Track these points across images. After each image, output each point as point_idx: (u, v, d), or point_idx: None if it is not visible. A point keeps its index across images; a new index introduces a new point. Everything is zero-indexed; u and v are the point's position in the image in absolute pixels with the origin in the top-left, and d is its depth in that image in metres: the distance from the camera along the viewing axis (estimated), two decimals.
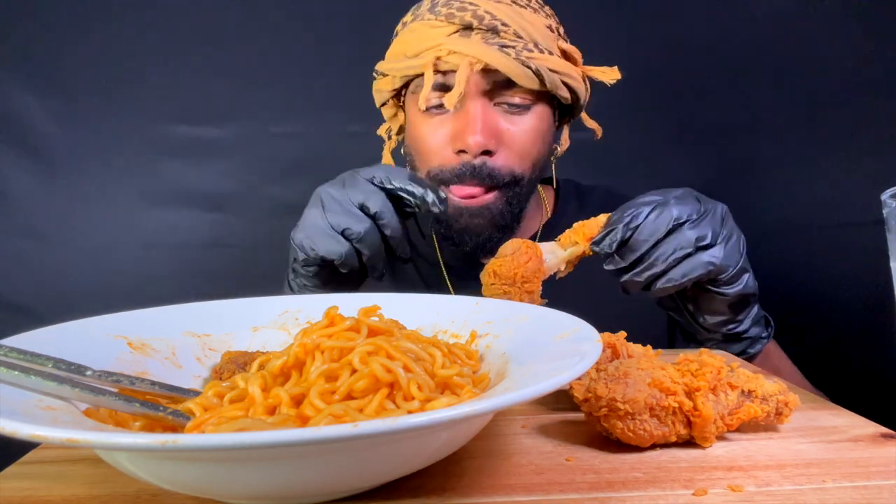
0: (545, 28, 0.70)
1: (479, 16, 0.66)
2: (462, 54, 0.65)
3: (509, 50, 0.66)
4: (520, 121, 0.71)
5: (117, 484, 0.33)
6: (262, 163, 1.20)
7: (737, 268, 0.53)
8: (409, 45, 0.70)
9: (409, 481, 0.31)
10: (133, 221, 1.19)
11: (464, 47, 0.65)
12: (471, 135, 0.67)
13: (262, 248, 1.20)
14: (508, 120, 0.70)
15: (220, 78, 1.18)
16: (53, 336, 0.37)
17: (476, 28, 0.67)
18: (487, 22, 0.66)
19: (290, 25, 1.18)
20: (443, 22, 0.68)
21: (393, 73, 0.73)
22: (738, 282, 0.54)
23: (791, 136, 1.15)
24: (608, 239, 0.53)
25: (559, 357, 0.33)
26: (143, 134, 1.18)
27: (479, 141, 0.67)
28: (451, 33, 0.67)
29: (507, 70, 0.66)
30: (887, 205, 0.36)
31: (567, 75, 0.71)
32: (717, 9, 1.16)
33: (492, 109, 0.70)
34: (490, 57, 0.65)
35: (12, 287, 1.15)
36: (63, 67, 1.16)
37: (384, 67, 0.75)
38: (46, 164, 1.17)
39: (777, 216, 1.15)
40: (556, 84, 0.70)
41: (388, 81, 0.75)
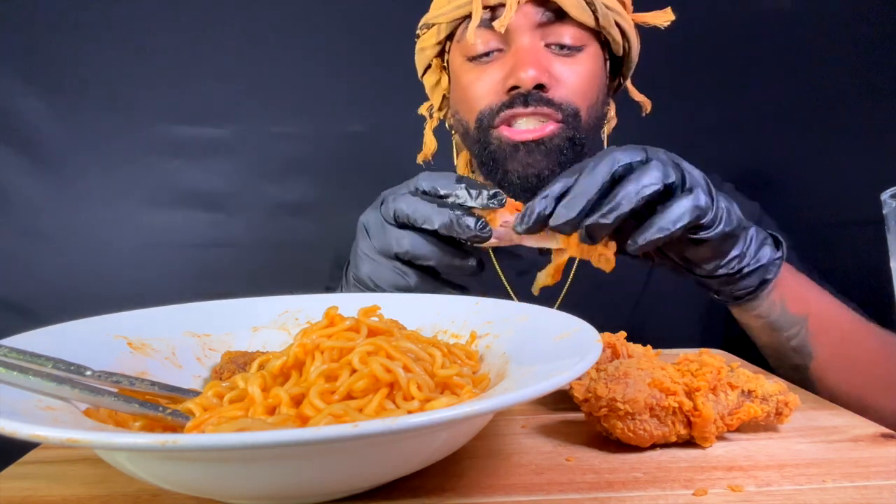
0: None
1: None
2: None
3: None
4: (573, 63, 0.67)
5: (117, 484, 0.33)
6: (262, 163, 1.21)
7: (714, 206, 0.47)
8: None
9: (409, 481, 0.31)
10: (133, 221, 1.19)
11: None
12: (523, 70, 0.63)
13: (262, 248, 1.21)
14: (561, 62, 0.67)
15: (220, 78, 1.18)
16: (53, 336, 0.37)
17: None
18: None
19: (291, 26, 1.18)
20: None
21: (440, 19, 0.69)
22: (718, 221, 0.47)
23: (791, 135, 1.15)
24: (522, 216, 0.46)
25: (559, 357, 0.33)
26: (143, 134, 1.18)
27: (532, 75, 0.63)
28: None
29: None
30: (887, 205, 0.36)
31: (619, 14, 0.68)
32: (720, 7, 1.16)
33: (544, 49, 0.67)
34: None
35: (12, 287, 1.16)
36: (63, 67, 1.16)
37: (430, 17, 0.71)
38: (46, 164, 1.17)
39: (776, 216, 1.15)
40: (609, 21, 0.67)
41: (433, 34, 0.71)
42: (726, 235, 0.48)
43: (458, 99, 0.73)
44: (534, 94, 0.65)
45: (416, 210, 0.48)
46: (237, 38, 1.18)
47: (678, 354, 0.42)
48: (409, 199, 0.49)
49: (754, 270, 0.51)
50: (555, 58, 0.67)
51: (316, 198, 1.21)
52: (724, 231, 0.47)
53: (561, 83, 0.66)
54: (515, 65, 0.65)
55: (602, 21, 0.66)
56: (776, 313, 0.54)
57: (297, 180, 1.21)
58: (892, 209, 0.36)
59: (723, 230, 0.47)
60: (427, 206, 0.48)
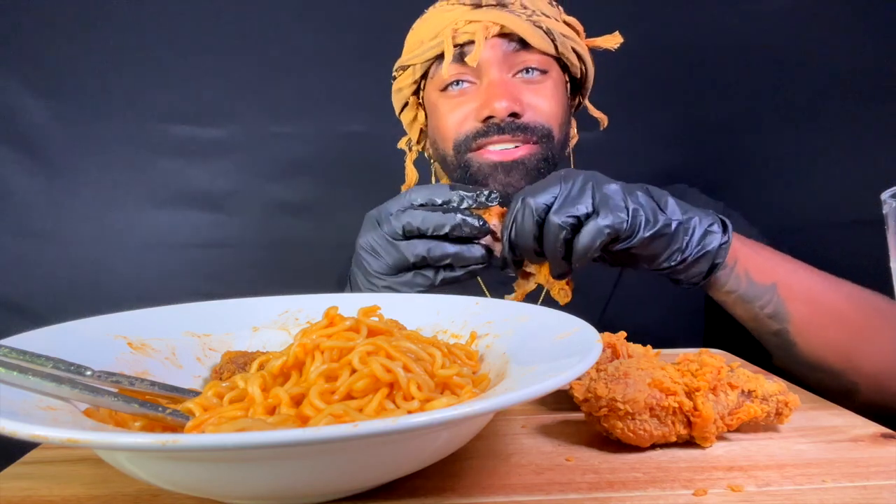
0: (548, 2, 0.75)
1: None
2: (477, 21, 0.69)
3: (519, 15, 0.70)
4: (540, 88, 0.73)
5: (117, 484, 0.33)
6: (262, 163, 1.21)
7: (629, 218, 0.49)
8: (427, 31, 0.73)
9: (409, 481, 0.31)
10: (133, 221, 1.19)
11: (478, 16, 0.69)
12: (496, 100, 0.69)
13: (262, 248, 1.20)
14: (529, 89, 0.72)
15: (220, 78, 1.18)
16: (53, 336, 0.37)
17: (485, 4, 0.71)
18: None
19: (290, 26, 1.18)
20: (454, 5, 0.72)
21: (414, 61, 0.75)
22: (637, 229, 0.50)
23: (791, 135, 1.15)
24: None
25: (559, 357, 0.33)
26: (143, 134, 1.18)
27: (504, 105, 0.68)
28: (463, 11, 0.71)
29: (521, 30, 0.69)
30: (887, 205, 0.36)
31: (574, 41, 0.74)
32: (719, 6, 1.16)
33: (512, 79, 0.72)
34: (504, 19, 0.69)
35: (12, 287, 1.15)
36: (63, 67, 1.16)
37: (404, 60, 0.77)
38: (46, 164, 1.17)
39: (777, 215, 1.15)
40: (567, 48, 0.73)
41: (408, 74, 0.77)
42: (653, 237, 0.51)
43: (435, 129, 0.78)
44: (508, 122, 0.70)
45: (424, 220, 0.52)
46: (237, 37, 1.18)
47: (678, 354, 0.42)
48: (413, 212, 0.53)
49: (700, 257, 0.54)
50: (523, 86, 0.72)
51: (316, 198, 1.21)
52: (645, 236, 0.50)
53: (531, 108, 0.71)
54: (488, 97, 0.70)
55: (561, 48, 0.73)
56: (743, 286, 0.57)
57: (297, 180, 1.21)
58: (892, 209, 0.36)
59: (643, 236, 0.50)
60: (434, 215, 0.52)
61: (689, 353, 0.41)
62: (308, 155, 1.19)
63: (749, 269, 0.57)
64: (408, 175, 0.85)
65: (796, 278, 0.58)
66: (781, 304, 0.57)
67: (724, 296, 0.58)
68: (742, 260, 0.57)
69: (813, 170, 1.14)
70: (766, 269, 0.58)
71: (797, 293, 0.57)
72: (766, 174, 1.17)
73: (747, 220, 0.69)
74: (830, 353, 0.57)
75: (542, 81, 0.73)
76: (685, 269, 0.55)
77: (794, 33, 1.14)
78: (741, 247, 0.57)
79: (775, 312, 0.58)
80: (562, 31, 0.72)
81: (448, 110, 0.74)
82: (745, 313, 0.59)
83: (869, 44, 1.12)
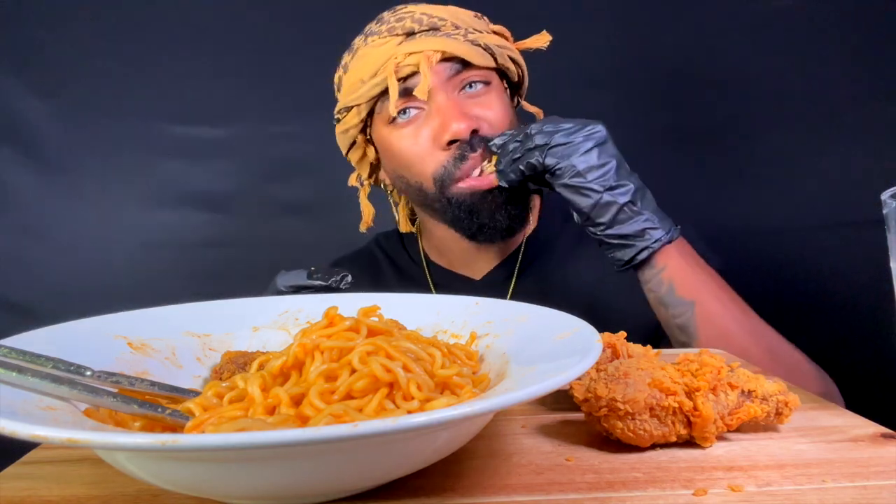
0: (473, 17, 0.76)
1: (417, 19, 0.71)
2: (417, 52, 0.69)
3: (457, 37, 0.71)
4: (486, 99, 0.74)
5: (117, 484, 0.33)
6: (262, 163, 1.21)
7: (566, 159, 0.63)
8: (364, 70, 0.73)
9: (409, 481, 0.31)
10: (133, 221, 1.19)
11: (417, 46, 0.70)
12: (454, 122, 0.70)
13: (262, 248, 1.21)
14: (476, 103, 0.74)
15: (220, 78, 1.18)
16: (53, 336, 0.37)
17: (418, 31, 0.71)
18: (427, 22, 0.71)
19: (290, 25, 1.18)
20: (385, 38, 0.72)
21: (357, 101, 0.75)
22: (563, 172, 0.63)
23: (791, 135, 1.15)
24: None
25: (559, 357, 0.33)
26: (143, 134, 1.18)
27: (464, 126, 0.70)
28: (398, 43, 0.71)
29: (462, 52, 0.70)
30: (887, 205, 0.36)
31: (509, 49, 0.76)
32: (716, 8, 1.16)
33: (460, 98, 0.73)
34: (444, 45, 0.70)
35: (12, 287, 1.16)
36: (63, 68, 1.16)
37: (346, 102, 0.76)
38: (46, 164, 1.17)
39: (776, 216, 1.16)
40: (504, 58, 0.75)
41: (353, 115, 0.77)
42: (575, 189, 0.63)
43: (393, 160, 0.78)
44: (474, 139, 0.72)
45: (294, 278, 0.64)
46: (237, 37, 1.18)
47: (678, 354, 0.42)
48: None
49: (623, 245, 0.63)
50: (470, 101, 0.73)
51: (316, 198, 1.21)
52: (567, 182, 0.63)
53: (483, 121, 0.73)
54: (443, 121, 0.71)
55: (500, 59, 0.75)
56: (663, 291, 0.64)
57: (297, 180, 1.21)
58: (893, 209, 0.36)
59: (566, 182, 0.63)
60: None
61: (689, 353, 0.41)
62: (308, 155, 1.19)
63: (674, 280, 0.63)
64: (364, 211, 0.86)
65: (715, 306, 0.63)
66: (692, 322, 0.63)
67: (647, 292, 0.66)
68: (671, 269, 0.63)
69: (812, 170, 1.14)
70: (691, 286, 0.63)
71: (710, 319, 0.62)
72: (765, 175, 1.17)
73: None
74: None
75: (487, 93, 0.74)
76: (610, 248, 0.64)
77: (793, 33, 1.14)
78: (676, 257, 0.63)
79: (685, 326, 0.64)
80: (496, 43, 0.74)
81: (401, 140, 0.74)
82: (660, 315, 0.66)
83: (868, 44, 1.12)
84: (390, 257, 0.92)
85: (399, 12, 0.73)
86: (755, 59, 1.16)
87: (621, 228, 0.63)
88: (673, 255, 0.64)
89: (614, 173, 0.63)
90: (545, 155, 0.64)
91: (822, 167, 1.13)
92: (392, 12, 0.74)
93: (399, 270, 0.90)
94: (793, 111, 1.15)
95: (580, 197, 0.63)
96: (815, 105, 1.14)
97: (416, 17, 0.71)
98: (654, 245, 0.63)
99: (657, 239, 0.63)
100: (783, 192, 1.16)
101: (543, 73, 0.85)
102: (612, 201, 0.62)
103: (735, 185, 1.17)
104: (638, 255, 0.63)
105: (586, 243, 0.81)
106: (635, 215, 0.63)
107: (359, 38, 0.76)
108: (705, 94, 1.18)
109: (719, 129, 1.18)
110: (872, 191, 0.39)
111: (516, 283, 0.82)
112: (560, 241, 0.83)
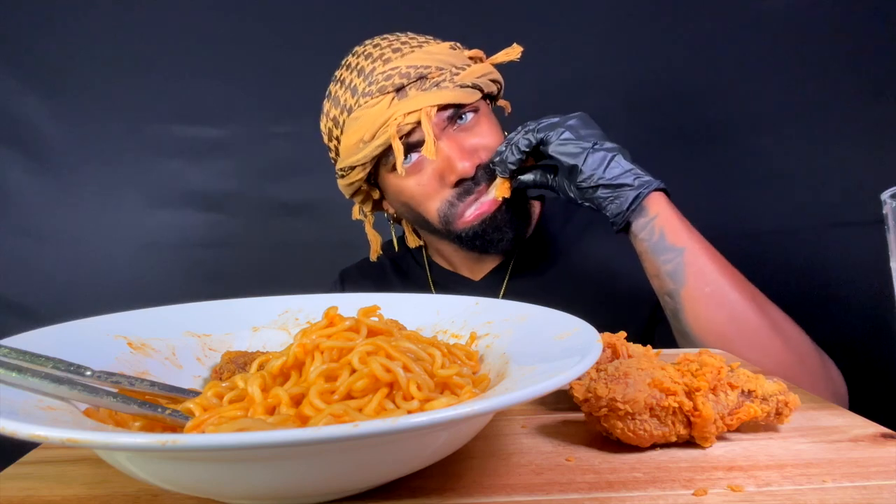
0: (449, 49, 0.77)
1: (404, 74, 0.73)
2: (415, 111, 0.72)
3: (445, 84, 0.73)
4: (477, 130, 0.77)
5: (117, 484, 0.33)
6: (262, 163, 1.21)
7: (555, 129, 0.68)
8: (363, 131, 0.74)
9: (409, 481, 0.31)
10: (133, 221, 1.19)
11: (413, 105, 0.72)
12: (459, 163, 0.73)
13: (262, 248, 1.21)
14: (469, 135, 0.76)
15: (220, 78, 1.18)
16: (53, 336, 0.37)
17: (408, 84, 0.73)
18: (413, 74, 0.73)
19: (290, 26, 1.18)
20: (378, 97, 0.73)
21: (361, 161, 0.77)
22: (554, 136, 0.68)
23: (790, 135, 1.15)
24: None
25: (559, 357, 0.33)
26: (143, 134, 1.18)
27: (467, 164, 0.74)
28: (391, 101, 0.73)
29: (455, 99, 0.73)
30: (887, 205, 0.36)
31: (489, 73, 0.78)
32: (717, 8, 1.16)
33: (454, 134, 0.76)
34: (438, 98, 0.72)
35: (12, 287, 1.16)
36: (63, 68, 1.16)
37: (349, 162, 0.78)
38: (46, 164, 1.17)
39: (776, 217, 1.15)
40: (488, 85, 0.78)
41: (357, 171, 0.79)
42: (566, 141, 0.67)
43: (401, 197, 0.80)
44: (478, 172, 0.75)
45: None
46: (237, 37, 1.18)
47: (678, 354, 0.42)
48: None
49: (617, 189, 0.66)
50: (464, 134, 0.76)
51: (316, 198, 1.21)
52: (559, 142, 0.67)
53: (483, 149, 0.76)
54: (449, 164, 0.74)
55: (485, 89, 0.77)
56: (655, 239, 0.66)
57: (297, 180, 1.21)
58: (893, 209, 0.36)
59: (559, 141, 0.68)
60: None
61: (689, 353, 0.41)
62: (308, 155, 1.19)
63: (665, 228, 0.66)
64: (372, 241, 0.89)
65: (703, 255, 0.64)
66: (682, 267, 0.64)
67: (639, 244, 0.68)
68: (662, 217, 0.66)
69: (812, 170, 1.14)
70: (680, 234, 0.65)
71: (698, 265, 0.64)
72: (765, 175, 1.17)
73: None
74: (712, 335, 0.62)
75: (478, 122, 0.77)
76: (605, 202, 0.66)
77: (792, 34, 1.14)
78: (666, 207, 0.66)
79: (674, 272, 0.65)
80: (478, 74, 0.76)
81: (415, 183, 0.77)
82: (650, 267, 0.67)
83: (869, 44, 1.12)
84: (395, 262, 0.94)
85: (385, 67, 0.73)
86: (755, 60, 1.16)
87: (613, 176, 0.66)
88: (663, 203, 0.67)
89: (600, 136, 0.68)
90: (537, 131, 0.69)
91: (821, 167, 1.13)
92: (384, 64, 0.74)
93: (403, 275, 0.93)
94: (792, 111, 1.15)
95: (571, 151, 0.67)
96: (815, 105, 1.14)
97: (402, 72, 0.73)
98: (645, 190, 0.66)
99: (647, 182, 0.66)
100: (783, 193, 1.16)
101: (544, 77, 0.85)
102: (601, 151, 0.67)
103: (734, 186, 1.17)
104: (633, 203, 0.66)
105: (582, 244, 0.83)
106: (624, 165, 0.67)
107: (341, 91, 0.77)
108: (705, 96, 1.18)
109: (719, 130, 1.18)
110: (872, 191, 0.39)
111: (508, 282, 0.85)
112: (557, 244, 0.86)
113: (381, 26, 0.82)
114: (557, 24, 0.81)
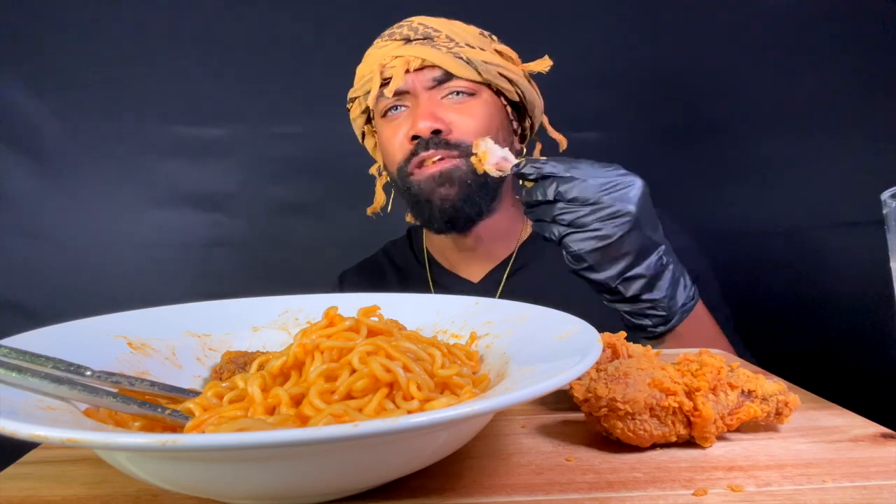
0: (478, 34, 0.80)
1: (414, 28, 0.78)
2: (401, 56, 0.77)
3: (443, 48, 0.77)
4: (467, 108, 0.79)
5: (117, 484, 0.33)
6: (262, 163, 1.21)
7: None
8: (366, 66, 0.81)
9: (409, 481, 0.31)
10: (133, 221, 1.19)
11: (404, 52, 0.77)
12: (420, 121, 0.76)
13: (262, 248, 1.21)
14: (456, 108, 0.78)
15: (220, 78, 1.18)
16: (53, 336, 0.37)
17: (413, 38, 0.78)
18: (422, 31, 0.78)
19: (290, 26, 1.18)
20: (387, 41, 0.80)
21: (357, 93, 0.83)
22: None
23: (790, 135, 1.15)
24: None
25: (559, 357, 0.33)
26: (143, 134, 1.18)
27: (427, 125, 0.76)
28: (395, 48, 0.78)
29: (441, 62, 0.76)
30: (887, 205, 0.36)
31: (503, 67, 0.79)
32: (717, 7, 1.16)
33: (438, 101, 0.78)
34: (425, 53, 0.76)
35: (12, 287, 1.15)
36: (63, 68, 1.16)
37: (351, 93, 0.85)
38: (46, 164, 1.17)
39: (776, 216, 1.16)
40: (491, 73, 0.78)
41: (357, 105, 0.85)
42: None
43: (382, 153, 0.85)
44: (433, 139, 0.77)
45: None
46: (237, 38, 1.18)
47: (678, 354, 0.42)
48: None
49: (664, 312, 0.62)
50: (451, 106, 0.79)
51: (316, 198, 1.21)
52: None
53: (457, 126, 0.78)
54: (414, 119, 0.77)
55: (485, 74, 0.78)
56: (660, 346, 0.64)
57: (297, 180, 1.21)
58: (893, 209, 0.36)
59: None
60: None
61: (689, 353, 0.41)
62: (308, 155, 1.19)
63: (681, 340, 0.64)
64: (377, 198, 0.91)
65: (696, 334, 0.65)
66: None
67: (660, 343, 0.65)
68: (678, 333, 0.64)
69: (812, 171, 1.14)
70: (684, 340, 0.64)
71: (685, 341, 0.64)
72: (765, 175, 1.17)
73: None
74: None
75: (469, 102, 0.79)
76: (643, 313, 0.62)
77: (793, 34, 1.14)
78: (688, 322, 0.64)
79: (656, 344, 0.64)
80: (485, 59, 0.78)
81: (388, 135, 0.81)
82: None
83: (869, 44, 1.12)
84: (395, 263, 0.95)
85: (406, 22, 0.80)
86: (755, 60, 1.16)
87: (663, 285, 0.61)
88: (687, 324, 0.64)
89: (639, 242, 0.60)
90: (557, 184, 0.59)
91: (821, 167, 1.13)
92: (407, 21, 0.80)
93: (402, 274, 0.93)
94: (792, 111, 1.15)
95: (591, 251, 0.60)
96: (815, 105, 1.14)
97: (413, 27, 0.78)
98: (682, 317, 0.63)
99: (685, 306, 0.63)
100: (783, 193, 1.16)
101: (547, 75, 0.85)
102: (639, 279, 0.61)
103: (735, 186, 1.17)
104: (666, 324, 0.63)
105: None
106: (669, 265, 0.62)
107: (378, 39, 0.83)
108: (705, 95, 1.18)
109: (719, 130, 1.18)
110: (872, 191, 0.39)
111: (505, 284, 0.85)
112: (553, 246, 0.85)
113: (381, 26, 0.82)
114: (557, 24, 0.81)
